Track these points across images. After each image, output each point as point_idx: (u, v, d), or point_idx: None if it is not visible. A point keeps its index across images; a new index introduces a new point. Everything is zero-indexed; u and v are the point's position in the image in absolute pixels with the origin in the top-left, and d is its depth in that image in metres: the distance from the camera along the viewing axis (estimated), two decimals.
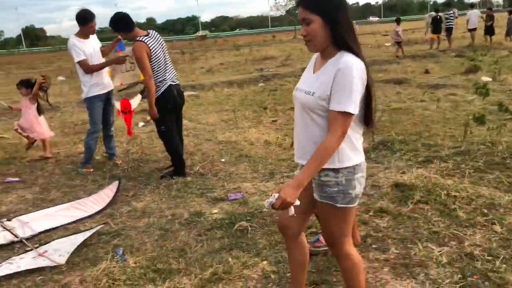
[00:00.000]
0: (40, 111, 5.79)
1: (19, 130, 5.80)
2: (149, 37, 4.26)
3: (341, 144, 1.75)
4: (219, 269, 2.70)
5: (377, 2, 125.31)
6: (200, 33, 65.56)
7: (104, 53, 5.11)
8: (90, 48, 4.92)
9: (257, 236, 3.14)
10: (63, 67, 23.04)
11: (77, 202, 4.05)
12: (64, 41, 71.07)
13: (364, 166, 1.88)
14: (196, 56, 23.51)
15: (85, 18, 4.87)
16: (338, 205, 1.84)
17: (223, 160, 5.08)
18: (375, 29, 38.51)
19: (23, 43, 68.90)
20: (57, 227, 3.59)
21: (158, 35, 4.41)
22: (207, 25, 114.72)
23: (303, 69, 2.03)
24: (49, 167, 5.38)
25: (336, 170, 1.80)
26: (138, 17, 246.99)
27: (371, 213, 3.32)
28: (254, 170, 4.65)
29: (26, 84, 5.76)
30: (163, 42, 4.42)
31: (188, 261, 2.87)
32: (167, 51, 4.46)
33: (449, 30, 16.89)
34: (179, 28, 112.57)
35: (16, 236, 3.44)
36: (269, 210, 2.88)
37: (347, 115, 1.71)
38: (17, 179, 4.96)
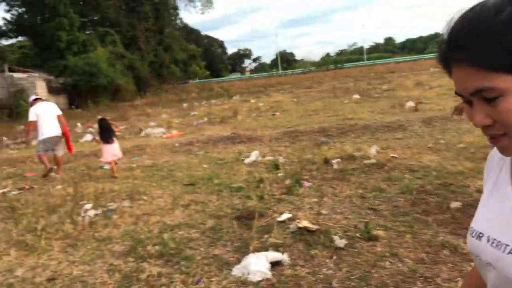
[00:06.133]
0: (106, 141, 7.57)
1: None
2: None
3: None
4: None
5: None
6: None
7: None
8: None
9: None
10: (337, 87, 23.54)
11: None
12: (310, 63, 76.83)
13: None
14: None
15: None
16: None
17: None
18: None
19: (279, 66, 77.15)
20: None
21: None
22: None
23: None
24: None
25: None
26: (375, 37, 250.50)
27: None
28: None
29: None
30: None
31: None
32: None
33: None
34: (420, 47, 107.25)
35: None
36: None
37: None
38: None
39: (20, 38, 37.10)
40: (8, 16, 33.23)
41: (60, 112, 8.17)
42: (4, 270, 3.86)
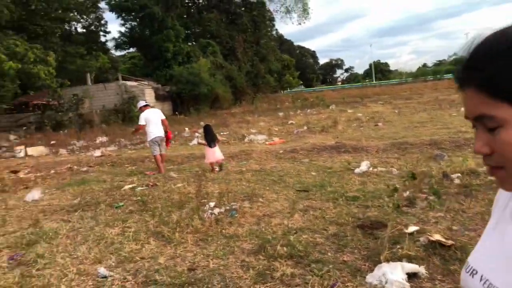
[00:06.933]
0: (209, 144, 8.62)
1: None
2: None
3: None
4: None
5: None
6: None
7: None
8: None
9: None
10: (441, 99, 22.24)
11: None
12: (406, 74, 73.56)
13: None
14: None
15: None
16: None
17: None
18: None
19: (373, 77, 75.21)
20: None
21: None
22: None
23: None
24: None
25: None
26: None
27: None
28: None
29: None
30: None
31: None
32: None
33: None
34: None
35: None
36: None
37: None
38: None
39: (130, 50, 40.75)
40: (122, 29, 36.60)
41: (163, 117, 9.38)
42: (148, 257, 4.26)
